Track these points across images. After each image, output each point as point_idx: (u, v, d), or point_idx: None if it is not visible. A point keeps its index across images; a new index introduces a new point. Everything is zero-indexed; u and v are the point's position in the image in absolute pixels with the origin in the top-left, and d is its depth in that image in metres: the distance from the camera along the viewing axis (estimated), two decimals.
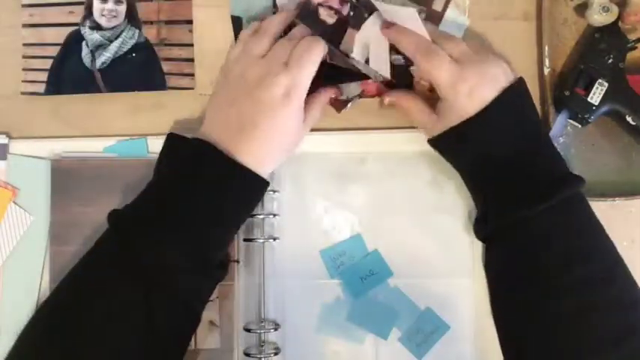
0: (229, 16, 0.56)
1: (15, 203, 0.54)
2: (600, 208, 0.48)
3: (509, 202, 0.46)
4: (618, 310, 0.44)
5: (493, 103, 0.47)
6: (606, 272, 0.45)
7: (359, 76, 0.54)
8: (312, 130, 0.55)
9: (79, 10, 0.56)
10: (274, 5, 0.55)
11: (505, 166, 0.47)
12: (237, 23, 0.56)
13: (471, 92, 0.47)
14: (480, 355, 0.54)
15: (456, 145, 0.50)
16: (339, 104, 0.55)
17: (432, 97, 0.52)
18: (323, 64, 0.50)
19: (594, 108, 0.52)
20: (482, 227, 0.50)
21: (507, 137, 0.47)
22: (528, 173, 0.47)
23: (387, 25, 0.52)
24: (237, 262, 0.53)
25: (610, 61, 0.53)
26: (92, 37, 0.55)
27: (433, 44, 0.49)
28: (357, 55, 0.52)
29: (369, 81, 0.55)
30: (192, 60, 0.56)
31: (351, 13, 0.52)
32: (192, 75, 0.56)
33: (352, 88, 0.55)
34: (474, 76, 0.47)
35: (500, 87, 0.47)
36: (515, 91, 0.48)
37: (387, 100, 0.54)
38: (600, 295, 0.44)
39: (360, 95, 0.55)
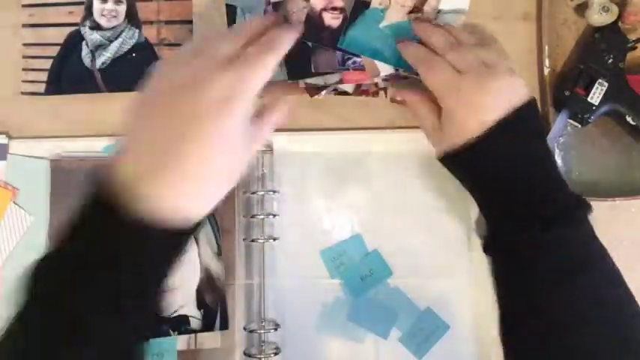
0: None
1: (15, 203, 0.54)
2: (600, 208, 0.47)
3: (516, 224, 0.44)
4: (616, 325, 0.43)
5: (497, 126, 0.44)
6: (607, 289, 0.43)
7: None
8: (312, 130, 0.55)
9: (79, 10, 0.56)
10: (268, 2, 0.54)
11: (511, 190, 0.45)
12: (231, 12, 0.55)
13: (469, 104, 0.44)
14: (480, 355, 0.54)
15: (460, 170, 0.48)
16: (313, 91, 0.54)
17: None
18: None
19: (594, 108, 0.52)
20: (490, 245, 0.48)
21: (513, 162, 0.45)
22: (535, 197, 0.44)
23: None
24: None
25: (610, 61, 0.53)
26: (92, 37, 0.55)
27: (435, 55, 0.47)
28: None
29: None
30: None
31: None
32: None
33: (330, 76, 0.54)
34: (474, 89, 0.45)
35: (504, 106, 0.44)
36: (524, 113, 0.45)
37: (398, 97, 0.54)
38: (598, 309, 0.43)
39: (339, 83, 0.54)
